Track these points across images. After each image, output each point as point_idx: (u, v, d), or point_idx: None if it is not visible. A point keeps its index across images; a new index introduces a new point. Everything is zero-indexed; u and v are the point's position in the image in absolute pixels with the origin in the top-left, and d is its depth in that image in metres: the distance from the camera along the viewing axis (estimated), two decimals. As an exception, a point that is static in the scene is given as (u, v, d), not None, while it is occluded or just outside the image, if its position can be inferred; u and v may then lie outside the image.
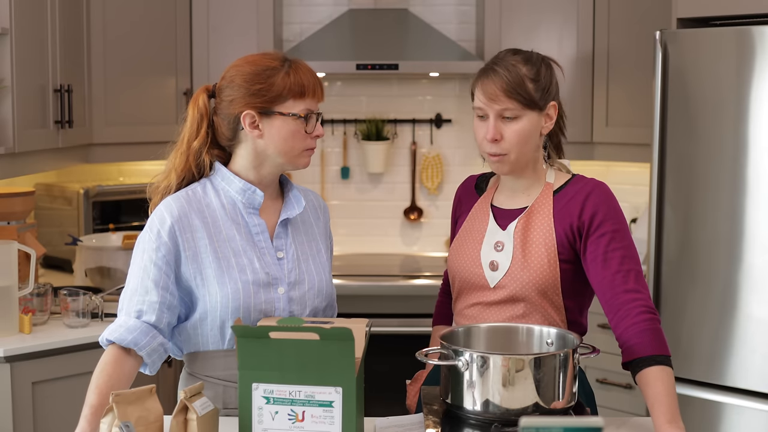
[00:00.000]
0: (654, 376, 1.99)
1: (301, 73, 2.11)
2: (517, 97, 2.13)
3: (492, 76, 2.15)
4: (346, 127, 4.56)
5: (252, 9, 4.16)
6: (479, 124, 2.19)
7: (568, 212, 2.16)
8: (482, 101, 2.15)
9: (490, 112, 2.15)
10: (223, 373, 2.11)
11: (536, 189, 2.23)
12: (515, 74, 2.14)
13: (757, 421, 3.11)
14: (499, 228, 2.21)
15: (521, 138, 2.15)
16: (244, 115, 2.10)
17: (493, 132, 2.14)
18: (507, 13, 4.15)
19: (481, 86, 2.17)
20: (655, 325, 2.05)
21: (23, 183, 3.91)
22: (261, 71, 2.10)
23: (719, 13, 3.24)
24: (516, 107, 2.14)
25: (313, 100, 2.12)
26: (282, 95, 2.09)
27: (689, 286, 3.22)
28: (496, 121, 2.14)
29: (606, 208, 2.15)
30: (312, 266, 2.19)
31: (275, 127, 2.10)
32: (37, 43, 3.30)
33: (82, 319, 3.16)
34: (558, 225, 2.16)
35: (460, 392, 1.91)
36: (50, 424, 3.00)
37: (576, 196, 2.17)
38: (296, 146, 2.12)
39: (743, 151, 3.11)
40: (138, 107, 3.97)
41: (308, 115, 2.11)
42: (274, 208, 2.20)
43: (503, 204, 2.26)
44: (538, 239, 2.16)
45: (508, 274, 2.16)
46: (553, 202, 2.19)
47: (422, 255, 4.54)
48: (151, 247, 2.08)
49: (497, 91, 2.13)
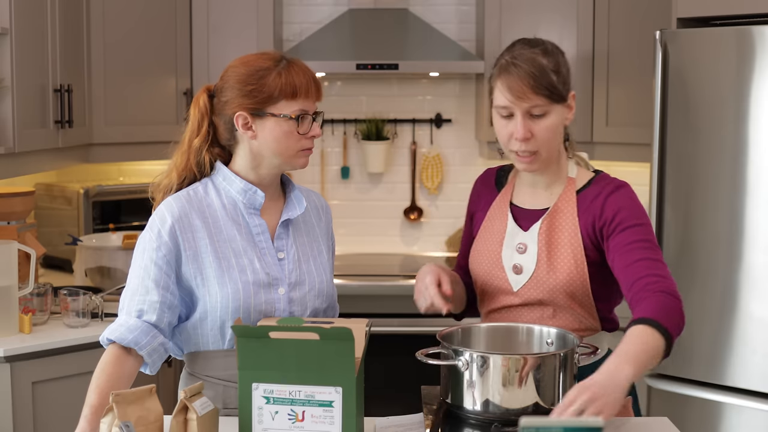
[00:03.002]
0: (630, 332, 1.85)
1: (294, 73, 2.09)
2: (545, 92, 2.03)
3: (515, 72, 2.04)
4: (346, 127, 4.56)
5: (252, 9, 4.16)
6: (503, 123, 2.08)
7: (591, 212, 2.09)
8: (508, 99, 2.04)
9: (518, 110, 2.04)
10: (223, 373, 2.11)
11: (558, 186, 2.15)
12: (539, 68, 2.04)
13: (757, 421, 3.11)
14: (520, 229, 2.14)
15: (551, 134, 2.07)
16: (237, 116, 2.10)
17: (524, 131, 2.04)
18: (507, 13, 4.15)
19: (505, 83, 2.05)
20: (669, 299, 1.92)
21: (23, 183, 3.91)
22: (253, 72, 2.09)
23: (719, 13, 3.24)
24: (544, 103, 2.04)
25: (307, 101, 2.10)
26: (273, 96, 2.07)
27: (689, 285, 3.22)
28: (525, 119, 2.05)
29: (629, 207, 2.08)
30: (313, 267, 2.19)
31: (268, 128, 2.09)
32: (37, 43, 3.30)
33: (82, 319, 3.16)
34: (582, 225, 2.09)
35: (460, 392, 1.91)
36: (50, 424, 3.00)
37: (599, 195, 2.10)
38: (290, 147, 2.11)
39: (743, 151, 3.10)
40: (138, 107, 3.97)
41: (301, 116, 2.09)
42: (275, 208, 2.20)
43: (524, 203, 2.18)
44: (564, 241, 2.09)
45: (534, 278, 2.10)
46: (576, 202, 2.12)
47: (422, 255, 4.54)
48: (152, 246, 2.08)
49: (524, 87, 2.03)
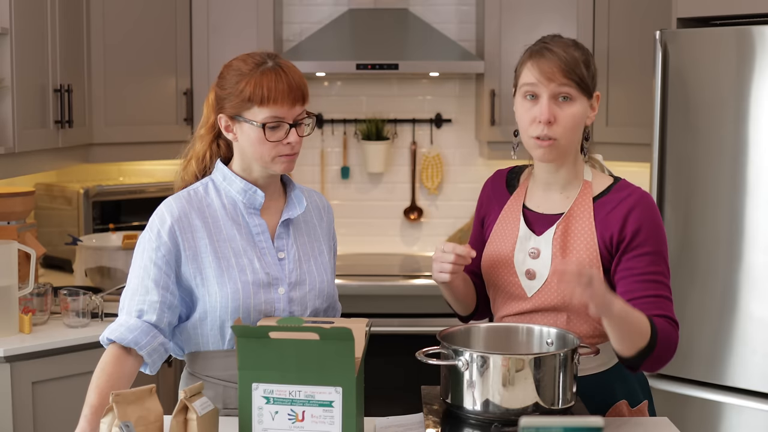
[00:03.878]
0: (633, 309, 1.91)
1: (267, 78, 2.04)
2: (575, 77, 2.02)
3: (548, 55, 2.02)
4: (346, 127, 4.57)
5: (252, 9, 4.16)
6: (527, 105, 2.05)
7: (609, 223, 2.05)
8: (537, 78, 2.02)
9: (545, 91, 2.02)
10: (223, 373, 2.11)
11: (574, 188, 2.12)
12: (571, 56, 2.03)
13: (757, 421, 3.11)
14: (533, 234, 2.11)
15: (574, 123, 2.04)
16: (219, 119, 2.11)
17: (548, 113, 2.01)
18: (507, 13, 4.15)
19: (536, 64, 2.03)
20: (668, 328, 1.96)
21: (23, 183, 3.91)
22: (233, 75, 2.08)
23: (719, 12, 3.24)
24: (572, 89, 2.02)
25: (280, 108, 2.04)
26: (245, 101, 2.05)
27: (689, 285, 3.22)
28: (550, 103, 2.02)
29: (650, 226, 2.04)
30: (313, 267, 2.19)
31: (245, 132, 2.08)
32: (37, 43, 3.30)
33: (82, 319, 3.16)
34: (599, 234, 2.05)
35: (460, 392, 1.90)
36: (50, 424, 3.00)
37: (620, 206, 2.06)
38: (264, 154, 2.08)
39: (743, 151, 3.10)
40: (138, 107, 3.98)
41: (272, 124, 2.05)
42: (276, 208, 2.20)
43: (538, 207, 2.14)
44: (580, 246, 2.06)
45: (548, 283, 2.07)
46: (593, 209, 2.08)
47: (422, 255, 4.54)
48: (152, 246, 2.08)
49: (555, 69, 2.01)
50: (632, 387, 2.14)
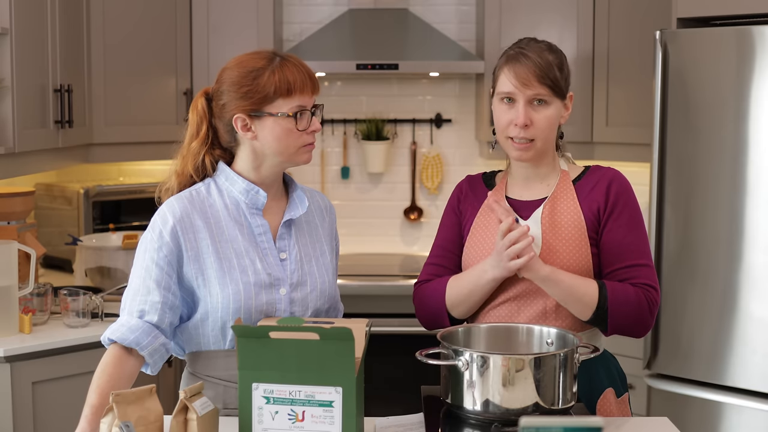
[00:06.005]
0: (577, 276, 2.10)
1: (288, 70, 2.08)
2: (548, 82, 2.14)
3: (523, 61, 2.14)
4: (346, 127, 4.57)
5: (252, 9, 4.16)
6: (504, 109, 2.18)
7: (594, 197, 2.18)
8: (513, 85, 2.14)
9: (521, 97, 2.15)
10: (224, 373, 2.11)
11: (553, 177, 2.24)
12: (546, 61, 2.15)
13: (757, 421, 3.11)
14: (520, 218, 2.19)
15: (549, 124, 2.16)
16: (236, 119, 2.10)
17: (524, 117, 2.14)
18: (507, 13, 4.15)
19: (511, 70, 2.16)
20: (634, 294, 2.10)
21: (23, 183, 3.92)
22: (247, 73, 2.08)
23: (719, 13, 3.24)
24: (547, 93, 2.14)
25: (303, 96, 2.09)
26: (269, 95, 2.06)
27: (689, 285, 3.22)
28: (526, 107, 2.14)
29: (628, 194, 2.20)
30: (315, 268, 2.19)
31: (267, 127, 2.09)
32: (37, 43, 3.30)
33: (82, 319, 3.16)
34: (585, 209, 2.17)
35: (460, 392, 1.90)
36: (50, 424, 3.00)
37: (600, 182, 2.20)
38: (291, 144, 2.10)
39: (743, 151, 3.11)
40: (138, 107, 3.98)
41: (299, 112, 2.09)
42: (277, 208, 2.19)
43: (521, 196, 2.25)
44: (568, 222, 2.16)
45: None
46: (575, 190, 2.20)
47: (422, 255, 4.54)
48: (153, 247, 2.08)
49: (530, 75, 2.13)
50: (614, 377, 2.22)
